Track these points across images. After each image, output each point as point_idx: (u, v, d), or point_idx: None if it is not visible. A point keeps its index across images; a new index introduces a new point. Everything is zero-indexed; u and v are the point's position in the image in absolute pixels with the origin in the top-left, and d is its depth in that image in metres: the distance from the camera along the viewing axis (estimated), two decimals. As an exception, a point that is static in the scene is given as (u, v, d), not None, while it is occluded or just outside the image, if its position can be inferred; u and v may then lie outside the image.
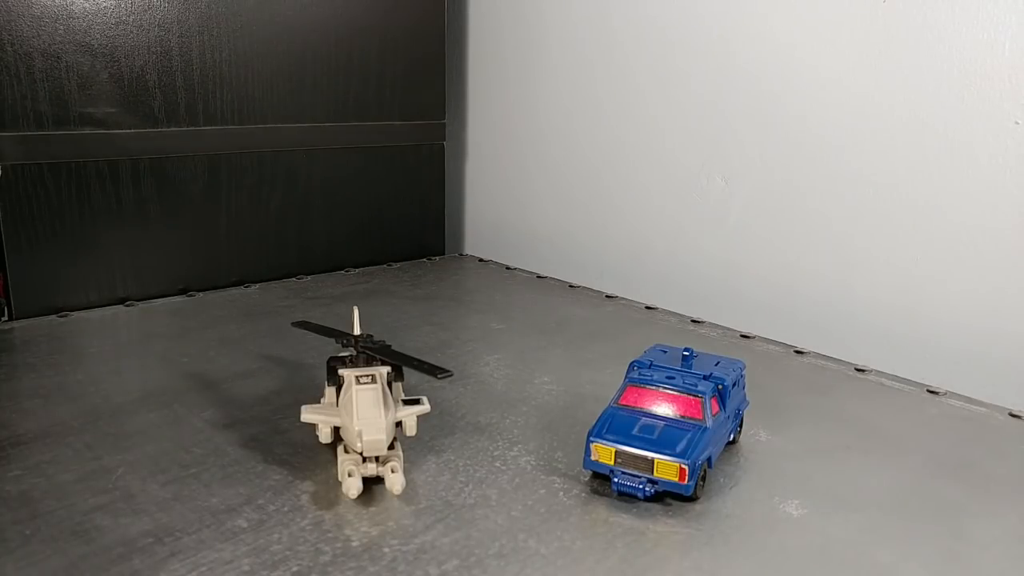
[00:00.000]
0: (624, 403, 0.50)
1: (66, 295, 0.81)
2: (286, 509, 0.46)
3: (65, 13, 0.77)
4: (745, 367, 0.55)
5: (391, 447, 0.47)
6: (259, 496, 0.47)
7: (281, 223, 0.96)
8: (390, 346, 0.51)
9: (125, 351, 0.69)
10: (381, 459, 0.47)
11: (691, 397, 0.49)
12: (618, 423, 0.49)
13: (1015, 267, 0.67)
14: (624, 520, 0.46)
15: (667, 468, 0.46)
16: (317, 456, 0.51)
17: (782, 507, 0.47)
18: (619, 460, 0.47)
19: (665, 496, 0.48)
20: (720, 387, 0.50)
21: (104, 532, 0.43)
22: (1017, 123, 0.65)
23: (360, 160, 1.01)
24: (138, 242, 0.85)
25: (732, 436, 0.54)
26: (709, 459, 0.48)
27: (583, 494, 0.48)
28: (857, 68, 0.74)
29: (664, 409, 0.49)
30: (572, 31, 0.99)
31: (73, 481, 0.48)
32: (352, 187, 1.01)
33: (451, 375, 0.48)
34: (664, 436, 0.47)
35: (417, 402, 0.49)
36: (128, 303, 0.84)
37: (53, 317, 0.79)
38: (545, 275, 1.00)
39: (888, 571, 0.42)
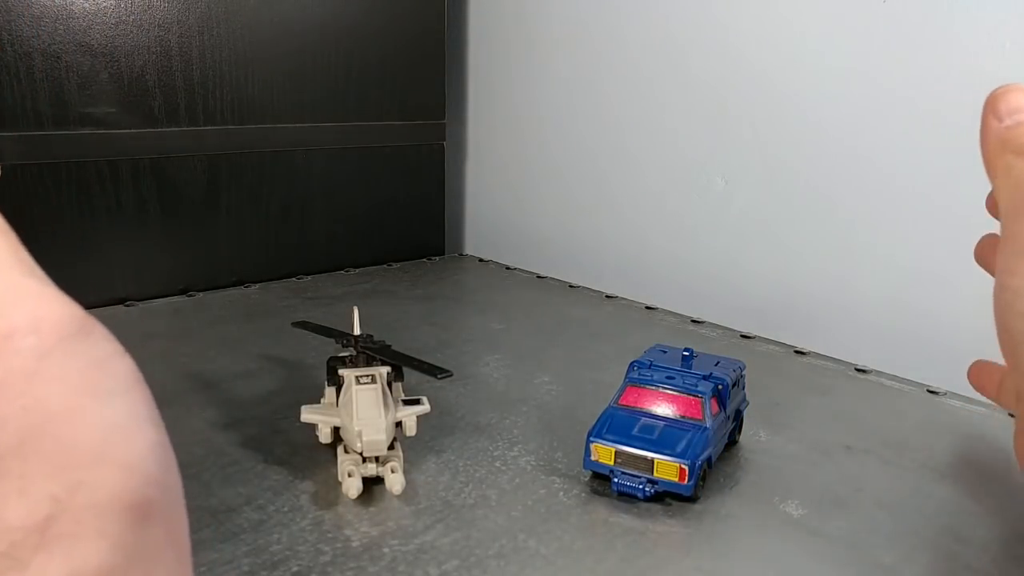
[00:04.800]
0: (624, 403, 0.50)
1: (65, 295, 0.81)
2: (286, 509, 0.46)
3: (65, 13, 0.77)
4: (745, 367, 0.55)
5: (391, 447, 0.47)
6: (259, 496, 0.47)
7: (281, 223, 0.96)
8: (390, 346, 0.51)
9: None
10: (381, 459, 0.47)
11: (691, 397, 0.49)
12: (618, 423, 0.49)
13: (1015, 267, 0.67)
14: (624, 520, 0.46)
15: (667, 468, 0.46)
16: (317, 456, 0.51)
17: (782, 507, 0.47)
18: (619, 460, 0.47)
19: (665, 496, 0.48)
20: (720, 387, 0.50)
21: (104, 532, 0.43)
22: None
23: (360, 160, 1.01)
24: (138, 242, 0.85)
25: (732, 436, 0.54)
26: (709, 459, 0.48)
27: (583, 494, 0.48)
28: (858, 68, 0.74)
29: (664, 409, 0.49)
30: (572, 31, 0.99)
31: (73, 481, 0.48)
32: (352, 187, 1.01)
33: (451, 375, 0.48)
34: (664, 436, 0.47)
35: (417, 402, 0.49)
36: (128, 303, 0.84)
37: (53, 317, 0.79)
38: (545, 275, 1.00)
39: (888, 571, 0.42)
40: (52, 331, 0.20)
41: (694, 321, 0.83)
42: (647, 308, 0.87)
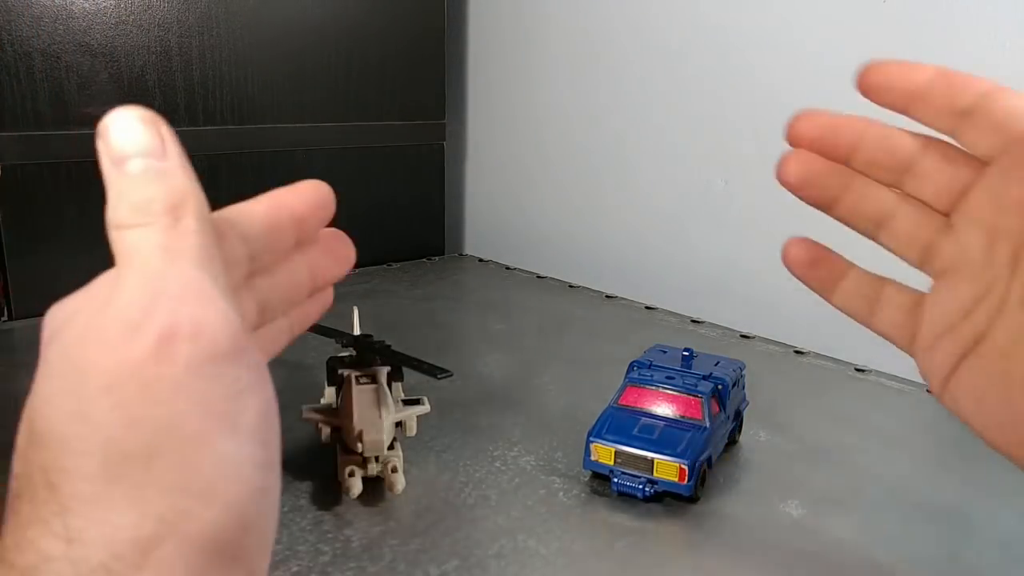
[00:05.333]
0: (624, 403, 0.50)
1: (66, 295, 0.81)
2: (286, 509, 0.46)
3: (65, 13, 0.77)
4: (745, 367, 0.55)
5: (391, 447, 0.47)
6: (259, 496, 0.47)
7: (281, 223, 0.96)
8: (390, 346, 0.51)
9: (125, 351, 0.69)
10: (381, 459, 0.47)
11: (691, 397, 0.49)
12: (618, 423, 0.49)
13: (1015, 267, 0.67)
14: (624, 520, 0.46)
15: (667, 468, 0.46)
16: (317, 456, 0.51)
17: (782, 507, 0.47)
18: (619, 460, 0.47)
19: (665, 496, 0.48)
20: (720, 387, 0.50)
21: (104, 532, 0.43)
22: (1017, 123, 0.65)
23: (360, 160, 1.01)
24: (138, 242, 0.85)
25: (732, 436, 0.54)
26: (709, 459, 0.48)
27: (583, 494, 0.48)
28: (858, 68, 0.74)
29: (664, 409, 0.49)
30: (572, 31, 0.99)
31: (73, 481, 0.48)
32: (352, 187, 1.01)
33: (451, 375, 0.48)
34: (664, 436, 0.47)
35: (417, 402, 0.49)
36: (128, 303, 0.84)
37: (53, 317, 0.79)
38: (545, 275, 1.00)
39: (888, 571, 0.42)
40: (207, 344, 0.19)
41: (694, 321, 0.83)
42: (647, 308, 0.87)
